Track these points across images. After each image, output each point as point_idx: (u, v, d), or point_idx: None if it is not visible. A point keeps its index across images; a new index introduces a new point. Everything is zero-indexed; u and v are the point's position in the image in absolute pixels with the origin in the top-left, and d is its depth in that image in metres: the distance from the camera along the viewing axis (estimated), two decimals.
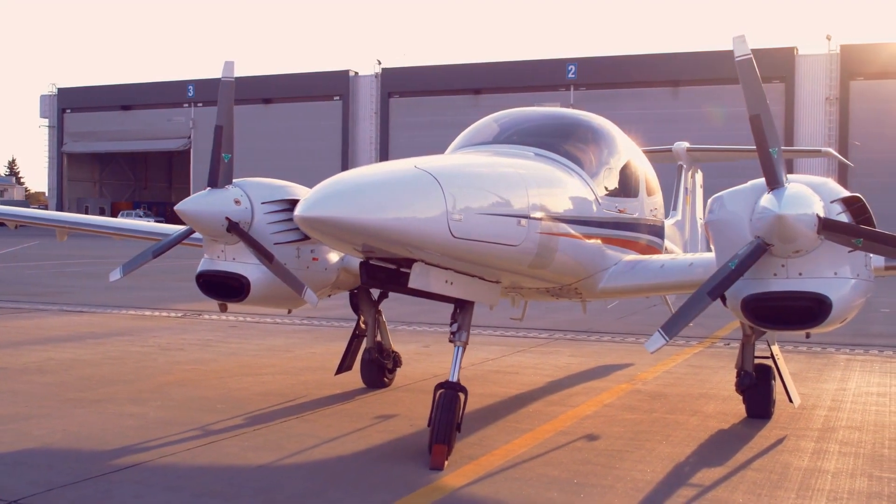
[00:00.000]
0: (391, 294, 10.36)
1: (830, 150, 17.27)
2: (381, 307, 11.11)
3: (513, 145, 8.82)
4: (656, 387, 11.43)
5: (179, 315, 19.13)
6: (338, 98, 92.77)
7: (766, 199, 7.25)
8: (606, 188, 9.14)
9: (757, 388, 9.48)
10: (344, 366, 11.11)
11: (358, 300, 11.01)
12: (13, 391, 10.62)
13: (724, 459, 7.92)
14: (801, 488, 7.08)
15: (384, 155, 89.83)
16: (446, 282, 7.42)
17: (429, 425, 7.79)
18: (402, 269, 7.51)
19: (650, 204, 10.33)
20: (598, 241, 8.87)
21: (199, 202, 9.07)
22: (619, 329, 17.28)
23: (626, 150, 9.92)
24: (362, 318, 11.07)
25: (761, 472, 7.55)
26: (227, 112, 9.47)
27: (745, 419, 9.53)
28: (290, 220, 9.46)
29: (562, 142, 9.05)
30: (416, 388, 11.17)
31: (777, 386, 9.67)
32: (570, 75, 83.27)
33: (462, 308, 8.02)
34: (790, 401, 9.61)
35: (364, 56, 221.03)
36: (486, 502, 6.66)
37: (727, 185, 8.01)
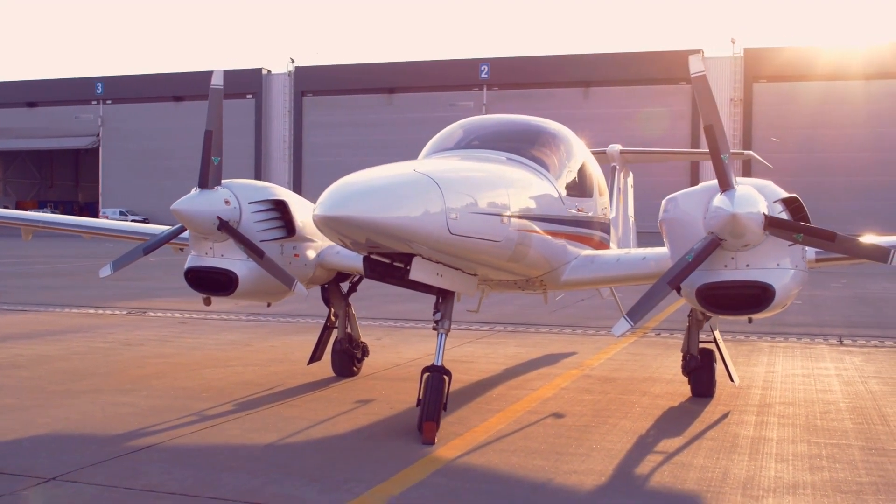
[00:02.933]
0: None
1: (752, 153, 18.50)
2: (349, 300, 11.84)
3: (485, 150, 9.62)
4: (604, 372, 12.39)
5: (125, 313, 19.46)
6: (250, 96, 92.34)
7: (720, 200, 8.21)
8: (568, 189, 10.01)
9: (701, 369, 10.51)
10: (315, 356, 11.80)
11: (329, 294, 11.71)
12: None
13: (680, 431, 8.89)
14: (752, 452, 8.07)
15: (297, 153, 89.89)
16: (437, 274, 8.20)
17: (417, 405, 8.54)
18: (394, 264, 8.27)
19: (601, 203, 11.28)
20: (563, 238, 9.75)
21: (193, 202, 9.67)
22: (554, 321, 18.27)
23: (582, 154, 10.82)
24: (333, 310, 11.77)
25: (715, 440, 8.53)
26: (217, 117, 10.07)
27: (690, 398, 10.54)
28: (274, 218, 10.20)
29: (528, 146, 9.90)
30: (383, 376, 11.92)
31: (718, 368, 10.71)
32: (482, 75, 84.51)
33: (444, 298, 8.80)
34: (731, 380, 10.67)
35: (277, 54, 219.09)
36: (480, 470, 7.46)
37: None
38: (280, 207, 10.26)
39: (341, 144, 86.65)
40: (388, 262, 8.26)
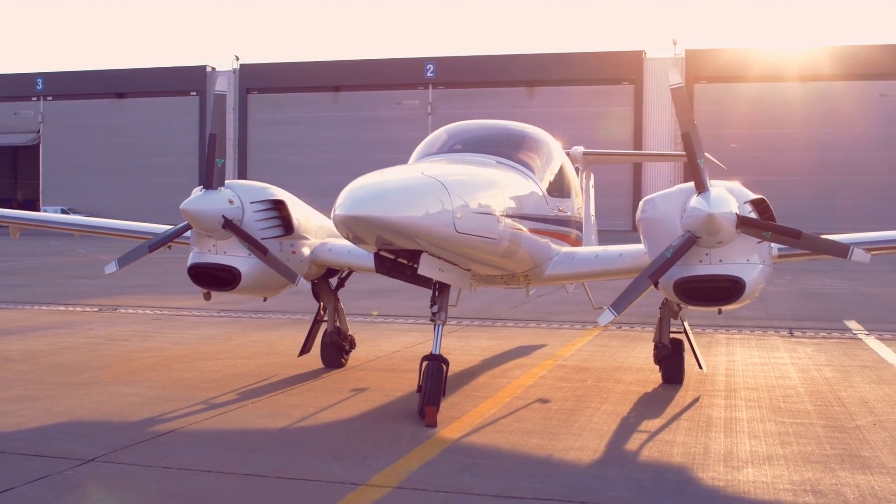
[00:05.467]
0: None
1: (708, 155, 19.34)
2: (338, 295, 12.46)
3: (475, 154, 10.28)
4: (576, 362, 13.15)
5: (96, 310, 19.77)
6: (194, 94, 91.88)
7: (696, 201, 8.98)
8: (550, 190, 10.72)
9: (672, 357, 11.31)
10: (306, 348, 12.38)
11: (319, 289, 12.28)
12: None
13: (658, 413, 9.68)
14: (726, 430, 8.88)
15: (243, 152, 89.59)
16: (439, 269, 8.87)
17: (418, 391, 9.19)
18: (398, 260, 8.93)
19: (577, 203, 12.04)
20: (547, 236, 10.47)
21: (200, 202, 10.20)
22: (520, 316, 19.04)
23: (560, 156, 11.54)
24: (322, 304, 12.37)
25: (691, 421, 9.33)
26: (220, 121, 10.57)
27: (661, 384, 11.32)
28: (274, 217, 10.80)
29: (515, 150, 10.60)
30: (369, 367, 12.54)
31: (686, 356, 11.52)
32: (428, 74, 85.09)
33: (441, 292, 9.47)
34: (700, 367, 11.53)
35: (221, 51, 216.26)
36: (485, 448, 8.15)
37: None
38: (278, 207, 10.84)
39: (287, 142, 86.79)
40: (394, 259, 8.90)
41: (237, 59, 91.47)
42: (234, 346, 14.41)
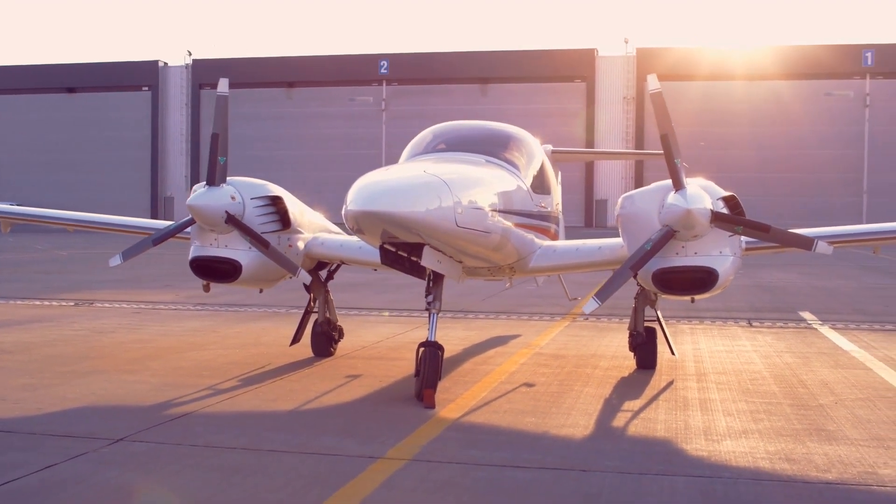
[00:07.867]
0: (284, 285, 12.52)
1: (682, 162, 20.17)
2: (328, 286, 13.04)
3: (466, 153, 10.92)
4: (552, 350, 13.86)
5: (72, 304, 20.07)
6: (146, 88, 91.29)
7: (674, 198, 9.70)
8: (533, 187, 11.41)
9: (646, 344, 12.06)
10: (297, 338, 12.95)
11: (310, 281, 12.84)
12: None
13: (637, 395, 10.41)
14: (703, 409, 9.64)
15: (195, 148, 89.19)
16: (438, 261, 9.50)
17: (415, 376, 9.83)
18: (399, 252, 9.55)
19: (555, 199, 12.74)
20: (532, 230, 11.16)
21: (204, 198, 10.74)
22: (490, 308, 19.70)
23: (540, 154, 12.24)
24: (312, 296, 12.94)
25: (669, 401, 10.07)
26: (223, 121, 11.15)
27: (636, 370, 12.06)
28: (272, 212, 11.37)
29: (501, 150, 11.27)
30: (358, 356, 13.13)
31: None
32: (382, 70, 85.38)
33: (435, 283, 10.10)
34: (672, 353, 12.32)
35: (174, 46, 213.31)
36: (484, 426, 8.81)
37: None
38: (276, 202, 11.40)
39: (240, 138, 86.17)
40: (395, 251, 9.52)
41: (190, 54, 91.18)
42: (220, 338, 14.90)
